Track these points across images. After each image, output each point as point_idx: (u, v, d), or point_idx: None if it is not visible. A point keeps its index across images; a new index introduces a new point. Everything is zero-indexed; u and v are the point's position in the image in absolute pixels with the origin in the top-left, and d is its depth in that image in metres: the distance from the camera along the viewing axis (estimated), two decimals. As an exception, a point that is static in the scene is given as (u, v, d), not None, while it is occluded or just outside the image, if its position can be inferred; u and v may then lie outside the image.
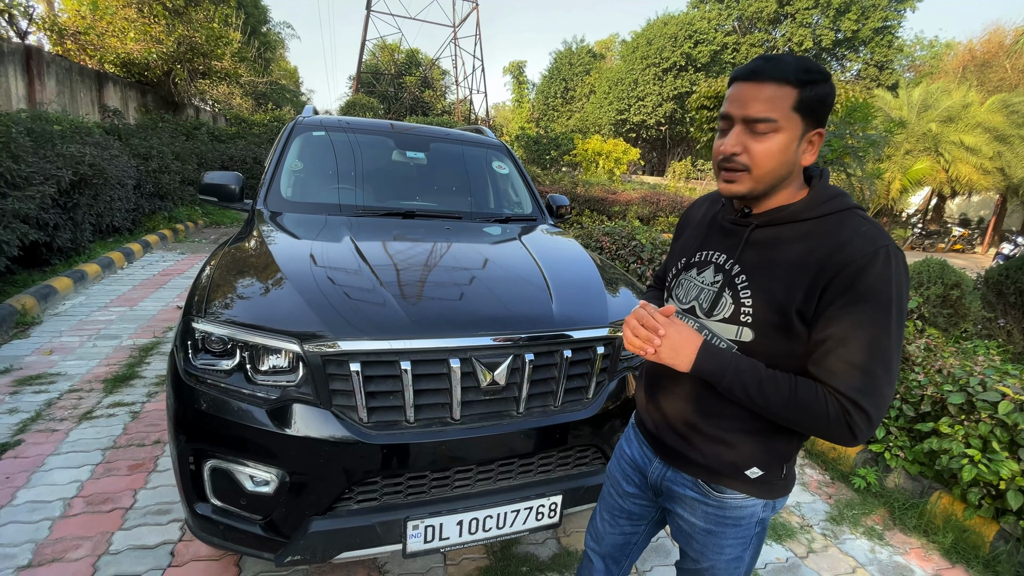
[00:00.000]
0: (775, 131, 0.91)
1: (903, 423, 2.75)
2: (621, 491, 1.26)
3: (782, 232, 0.98)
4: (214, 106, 16.98)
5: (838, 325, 0.88)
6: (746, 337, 0.98)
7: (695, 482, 1.10)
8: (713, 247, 1.07)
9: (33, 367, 3.35)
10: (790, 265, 0.94)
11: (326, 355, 1.41)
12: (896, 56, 28.70)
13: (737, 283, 0.99)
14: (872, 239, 0.89)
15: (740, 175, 0.95)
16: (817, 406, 0.89)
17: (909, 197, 19.00)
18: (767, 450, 1.03)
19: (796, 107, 0.91)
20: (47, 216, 4.76)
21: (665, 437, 1.13)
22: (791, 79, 0.90)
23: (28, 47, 7.78)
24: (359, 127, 3.10)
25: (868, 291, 0.87)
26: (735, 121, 0.94)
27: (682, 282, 1.11)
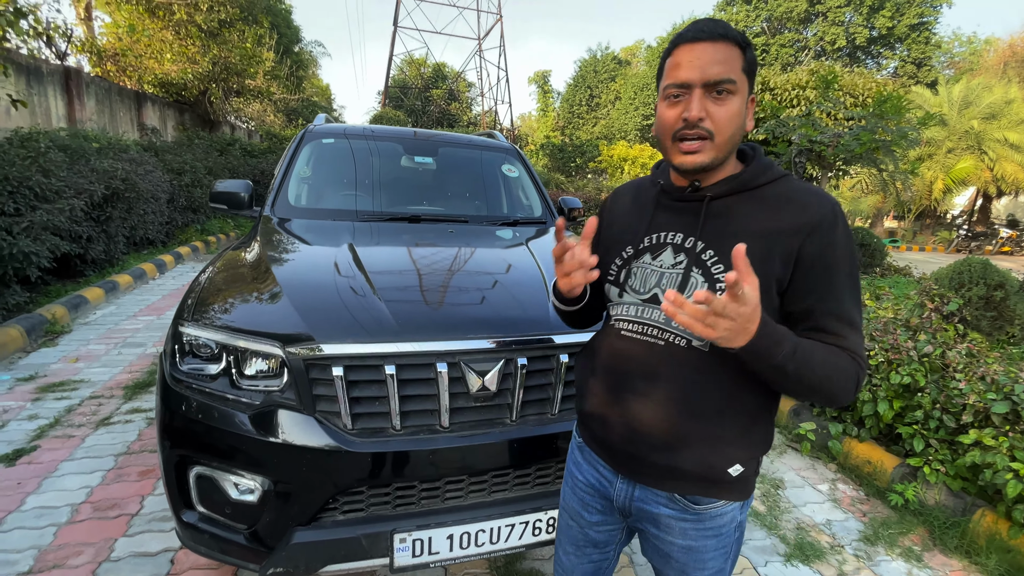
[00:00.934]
0: (732, 93, 0.88)
1: (943, 435, 2.54)
2: (584, 522, 1.13)
3: (736, 202, 0.94)
4: (248, 123, 17.59)
5: (827, 290, 0.89)
6: None
7: (671, 497, 0.99)
8: (664, 228, 1.00)
9: (57, 374, 3.45)
10: (759, 233, 0.89)
11: (308, 359, 1.37)
12: (934, 53, 27.59)
13: (705, 259, 0.93)
14: (826, 198, 0.91)
15: (704, 144, 0.89)
16: (849, 371, 0.87)
17: (953, 198, 18.14)
18: (750, 442, 0.97)
19: (744, 68, 0.89)
20: (80, 229, 4.95)
21: (638, 452, 0.99)
22: (737, 39, 0.88)
23: (67, 68, 8.21)
24: (368, 134, 3.10)
25: (840, 250, 0.88)
26: (694, 86, 0.87)
27: (634, 271, 1.01)
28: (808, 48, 29.95)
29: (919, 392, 2.69)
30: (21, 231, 3.86)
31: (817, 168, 4.42)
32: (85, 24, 10.25)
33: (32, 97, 7.39)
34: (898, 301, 3.77)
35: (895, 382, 2.68)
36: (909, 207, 19.00)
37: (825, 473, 2.89)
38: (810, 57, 29.65)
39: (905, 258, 12.17)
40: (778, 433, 3.28)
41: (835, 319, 0.88)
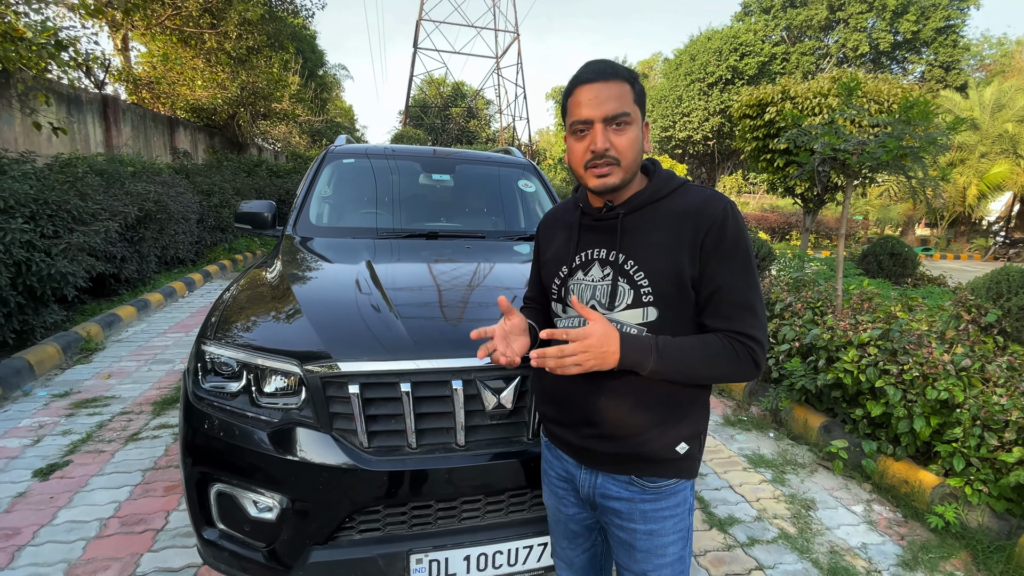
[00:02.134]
0: (629, 123, 1.01)
1: (985, 453, 2.41)
2: (563, 516, 1.25)
3: (646, 215, 1.07)
4: (274, 144, 18.13)
5: (721, 277, 1.01)
6: (651, 316, 1.04)
7: (630, 480, 1.10)
8: (589, 246, 1.12)
9: (91, 390, 3.56)
10: (667, 238, 1.03)
11: (325, 376, 1.38)
12: (962, 56, 26.90)
13: (627, 269, 1.05)
14: (718, 198, 1.04)
15: (612, 168, 1.02)
16: (727, 352, 1.01)
17: (988, 203, 17.50)
18: (690, 423, 1.09)
19: (635, 100, 1.02)
20: (114, 249, 5.14)
21: (593, 444, 1.11)
22: (625, 76, 1.02)
23: (105, 96, 8.61)
24: (388, 153, 3.16)
25: (732, 242, 1.01)
26: (595, 122, 1.01)
27: (572, 287, 1.13)
28: (830, 55, 29.56)
29: (957, 408, 2.57)
30: (59, 252, 4.02)
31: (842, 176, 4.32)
32: (122, 54, 10.77)
33: (72, 124, 7.76)
34: (932, 313, 3.63)
35: (931, 397, 2.57)
36: (942, 214, 18.39)
37: (859, 493, 2.77)
38: (832, 64, 29.22)
39: (939, 267, 11.76)
40: (808, 451, 3.17)
41: (729, 304, 1.01)
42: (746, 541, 2.32)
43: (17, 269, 3.69)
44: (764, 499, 2.66)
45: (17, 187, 3.81)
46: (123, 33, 10.44)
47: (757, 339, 1.01)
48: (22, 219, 3.74)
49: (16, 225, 3.61)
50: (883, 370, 2.84)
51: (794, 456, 3.10)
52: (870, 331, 3.07)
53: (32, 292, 3.88)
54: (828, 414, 3.27)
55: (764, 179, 8.14)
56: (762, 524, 2.45)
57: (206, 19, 10.71)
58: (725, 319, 1.01)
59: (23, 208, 3.84)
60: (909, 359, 2.78)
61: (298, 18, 16.11)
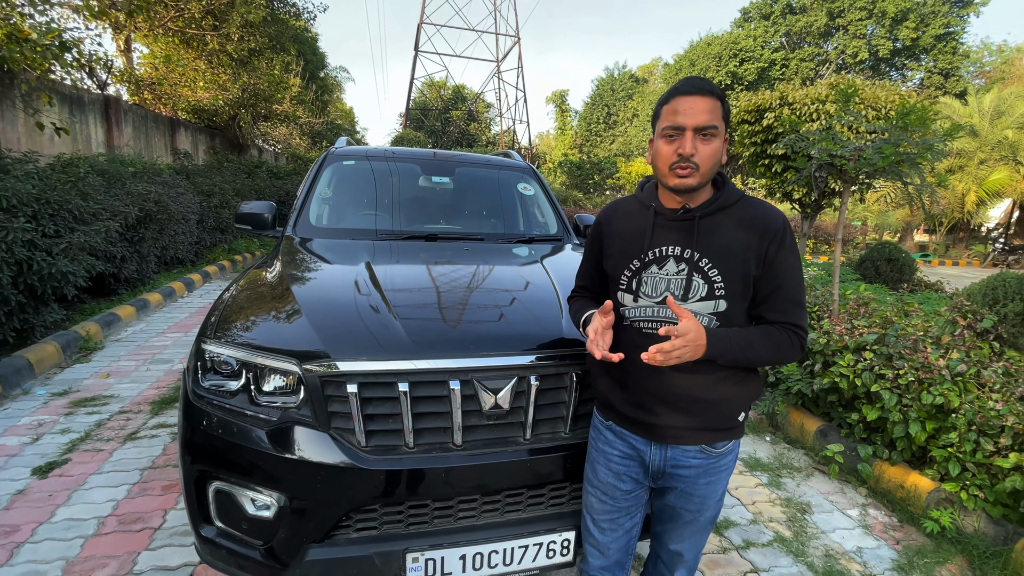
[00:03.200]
0: (715, 135, 1.17)
1: (980, 458, 2.43)
2: (618, 493, 1.37)
3: (717, 219, 1.23)
4: (274, 146, 18.16)
5: (780, 277, 1.22)
6: (721, 308, 1.21)
7: (700, 449, 1.29)
8: (664, 243, 1.25)
9: (90, 389, 3.57)
10: (738, 242, 1.21)
11: (324, 376, 1.39)
12: (962, 63, 27.01)
13: (703, 266, 1.21)
14: (777, 211, 1.25)
15: (692, 172, 1.17)
16: (783, 341, 1.21)
17: (987, 210, 17.55)
18: (747, 395, 1.30)
19: (723, 116, 1.18)
20: (114, 249, 5.15)
21: (667, 421, 1.26)
22: (718, 95, 1.17)
23: (107, 97, 8.64)
24: (387, 155, 3.17)
25: (788, 248, 1.22)
26: (687, 130, 1.15)
27: (646, 279, 1.26)
28: (829, 62, 29.67)
29: (953, 413, 2.58)
30: (60, 252, 4.04)
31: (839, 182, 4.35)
32: (124, 55, 10.80)
33: (74, 125, 7.78)
34: (928, 318, 3.65)
35: (927, 402, 2.58)
36: (941, 220, 18.44)
37: (855, 497, 2.78)
38: (831, 71, 29.34)
39: (937, 273, 11.78)
40: (804, 455, 3.18)
41: (785, 301, 1.22)
42: (741, 544, 2.33)
43: (18, 268, 3.70)
44: (760, 502, 2.67)
45: (20, 186, 3.83)
46: (126, 34, 10.47)
47: (804, 329, 1.23)
48: (24, 218, 3.76)
49: (18, 224, 3.62)
50: (879, 375, 2.85)
51: (790, 460, 3.11)
52: (866, 336, 3.08)
53: (33, 291, 3.89)
54: (824, 418, 3.28)
55: (762, 184, 8.18)
56: (757, 527, 2.46)
57: (208, 21, 10.75)
58: (782, 312, 1.22)
59: (25, 207, 3.85)
60: (905, 364, 2.79)
61: (300, 20, 16.16)
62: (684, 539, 1.40)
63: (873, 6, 27.04)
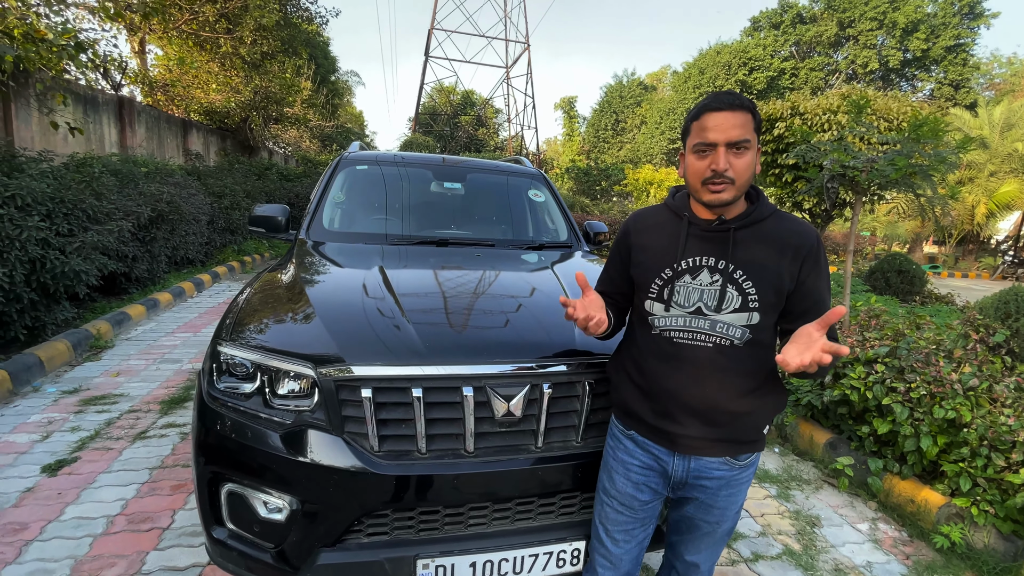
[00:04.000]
0: (748, 149, 1.16)
1: (992, 473, 2.40)
2: (637, 503, 1.35)
3: (752, 232, 1.22)
4: (285, 148, 18.31)
5: (815, 291, 1.22)
6: (755, 320, 1.20)
7: (724, 461, 1.27)
8: (697, 253, 1.24)
9: (100, 388, 3.60)
10: (772, 255, 1.20)
11: (338, 380, 1.40)
12: (972, 74, 26.91)
13: (737, 277, 1.20)
14: (810, 227, 1.24)
15: (727, 186, 1.17)
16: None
17: (997, 222, 17.42)
18: (773, 407, 1.27)
19: (755, 128, 1.17)
20: (126, 249, 5.20)
21: (693, 432, 1.24)
22: (748, 107, 1.16)
23: (121, 98, 8.74)
24: (400, 160, 3.19)
25: (822, 263, 1.23)
26: (718, 145, 1.15)
27: (679, 289, 1.24)
28: (839, 71, 29.63)
29: (965, 428, 2.55)
30: (73, 251, 4.08)
31: (850, 193, 4.34)
32: (139, 57, 10.94)
33: (88, 125, 7.87)
34: (940, 331, 3.62)
35: (938, 416, 2.56)
36: (950, 232, 18.32)
37: (864, 511, 2.75)
38: (841, 80, 29.29)
39: (947, 285, 11.69)
40: (813, 467, 3.15)
41: (818, 312, 1.19)
42: (750, 556, 2.31)
43: (32, 266, 3.74)
44: (769, 514, 2.65)
45: (34, 185, 3.87)
46: (141, 36, 10.61)
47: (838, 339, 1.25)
48: (38, 217, 3.80)
49: (32, 223, 3.67)
50: (890, 388, 2.83)
51: (799, 472, 3.09)
52: (877, 348, 3.06)
53: (45, 289, 3.93)
54: (834, 430, 3.26)
55: (772, 194, 8.17)
56: (766, 540, 2.44)
57: (222, 24, 10.88)
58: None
59: (40, 206, 3.90)
60: (917, 377, 2.77)
61: (312, 25, 16.32)
62: (701, 551, 1.39)
63: (884, 17, 27.02)
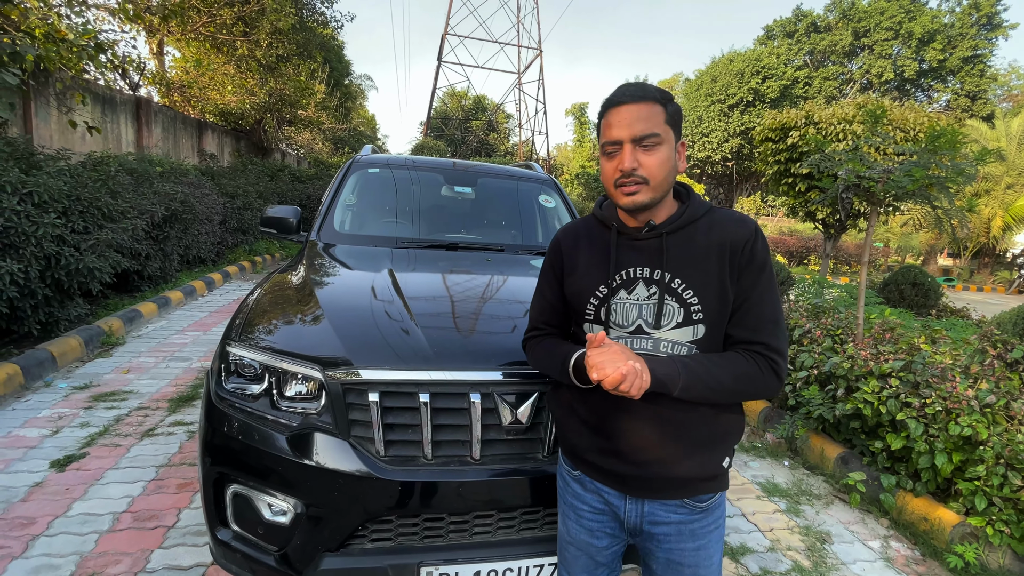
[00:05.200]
0: (659, 143, 1.03)
1: (1008, 492, 2.34)
2: (593, 549, 1.20)
3: (685, 235, 1.09)
4: (298, 150, 18.47)
5: (750, 291, 1.06)
6: (700, 334, 1.06)
7: (681, 503, 1.11)
8: (630, 264, 1.11)
9: (110, 384, 3.63)
10: (711, 257, 1.06)
11: (346, 383, 1.39)
12: (989, 86, 26.60)
13: (675, 287, 1.06)
14: (747, 220, 1.10)
15: (640, 187, 1.04)
16: (751, 367, 1.03)
17: (1014, 236, 17.13)
18: (732, 436, 1.13)
19: (667, 121, 1.04)
20: (140, 247, 5.26)
21: (644, 472, 1.09)
22: (657, 98, 1.04)
23: (138, 98, 8.87)
24: (411, 164, 3.20)
25: (760, 260, 1.06)
26: (623, 143, 1.03)
27: (615, 307, 1.10)
28: (853, 81, 29.42)
29: (981, 445, 2.50)
30: (88, 248, 4.13)
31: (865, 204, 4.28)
32: (157, 58, 11.11)
33: (106, 124, 7.99)
34: (956, 346, 3.55)
35: (954, 433, 2.50)
36: (965, 245, 18.05)
37: (876, 528, 2.70)
38: (855, 90, 29.07)
39: (962, 298, 11.50)
40: (824, 482, 3.10)
41: (756, 316, 1.05)
42: (759, 573, 2.27)
43: (47, 262, 3.79)
44: (778, 529, 2.60)
45: (52, 183, 3.93)
46: (159, 38, 10.77)
47: (779, 350, 1.05)
48: (55, 214, 3.85)
49: (49, 220, 3.72)
50: (905, 402, 2.78)
51: (809, 486, 3.04)
52: (892, 362, 3.01)
53: (59, 285, 3.97)
54: (846, 445, 3.20)
55: (784, 203, 8.09)
56: (775, 555, 2.40)
57: (239, 27, 11.02)
58: (751, 330, 1.05)
59: (56, 203, 3.95)
60: (932, 392, 2.72)
61: (327, 29, 16.50)
62: None
63: (900, 27, 26.81)
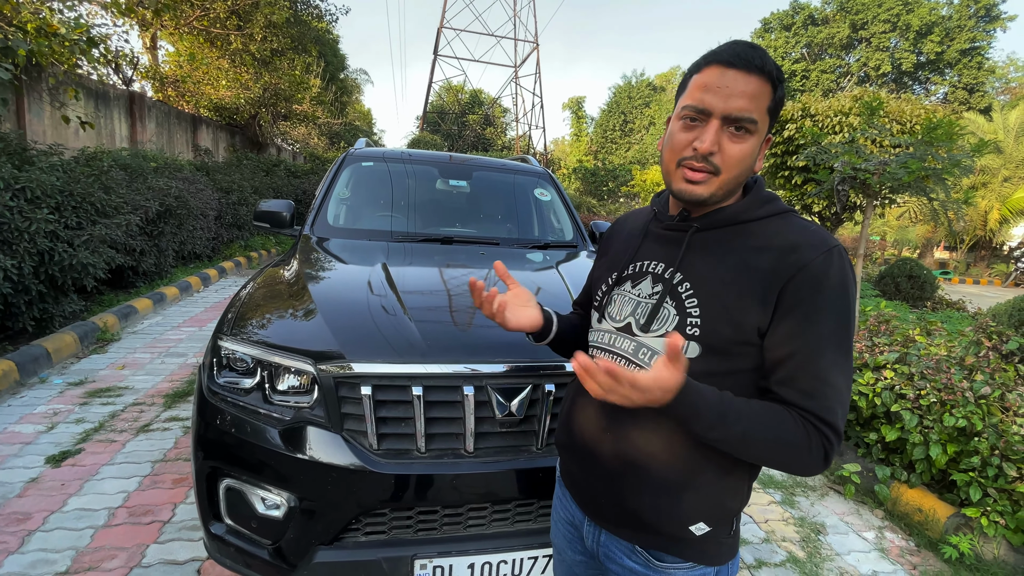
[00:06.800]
0: (751, 132, 0.82)
1: (1003, 483, 2.35)
2: (571, 560, 1.07)
3: (726, 235, 0.87)
4: (293, 145, 18.37)
5: (806, 340, 0.78)
6: (691, 353, 0.84)
7: (632, 549, 0.92)
8: (648, 256, 0.95)
9: (105, 380, 3.61)
10: (742, 268, 0.83)
11: (338, 377, 1.39)
12: (987, 78, 26.59)
13: (680, 292, 0.87)
14: (823, 239, 0.82)
15: (707, 177, 0.83)
16: (797, 434, 0.76)
17: (1010, 228, 17.19)
18: (716, 499, 0.87)
19: (770, 108, 0.83)
20: (134, 242, 5.23)
21: (600, 497, 0.94)
22: (772, 74, 0.81)
23: (132, 93, 8.80)
24: (406, 157, 3.18)
25: (829, 299, 0.78)
26: (713, 116, 0.80)
27: (615, 298, 0.96)
28: (851, 74, 29.38)
29: (976, 436, 2.51)
30: (81, 243, 4.10)
31: (861, 196, 4.29)
32: (150, 53, 11.02)
33: (99, 119, 7.93)
34: (951, 338, 3.56)
35: (949, 424, 2.52)
36: (962, 238, 18.11)
37: (871, 520, 2.71)
38: (852, 83, 29.04)
39: (958, 291, 11.55)
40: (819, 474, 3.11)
41: (814, 378, 0.77)
42: (753, 564, 2.28)
43: (40, 258, 3.76)
44: (772, 521, 2.62)
45: (44, 178, 3.89)
46: (152, 32, 10.68)
47: (837, 429, 0.77)
48: (47, 209, 3.82)
49: (41, 215, 3.69)
50: (899, 394, 2.79)
51: (804, 478, 3.05)
52: (887, 354, 3.02)
53: (53, 281, 3.95)
54: (841, 437, 3.21)
55: (780, 196, 8.09)
56: (770, 546, 2.41)
57: (233, 21, 10.93)
58: (805, 395, 0.77)
59: (49, 199, 3.92)
60: (927, 384, 2.73)
61: (322, 22, 16.36)
62: None
63: (897, 19, 26.76)
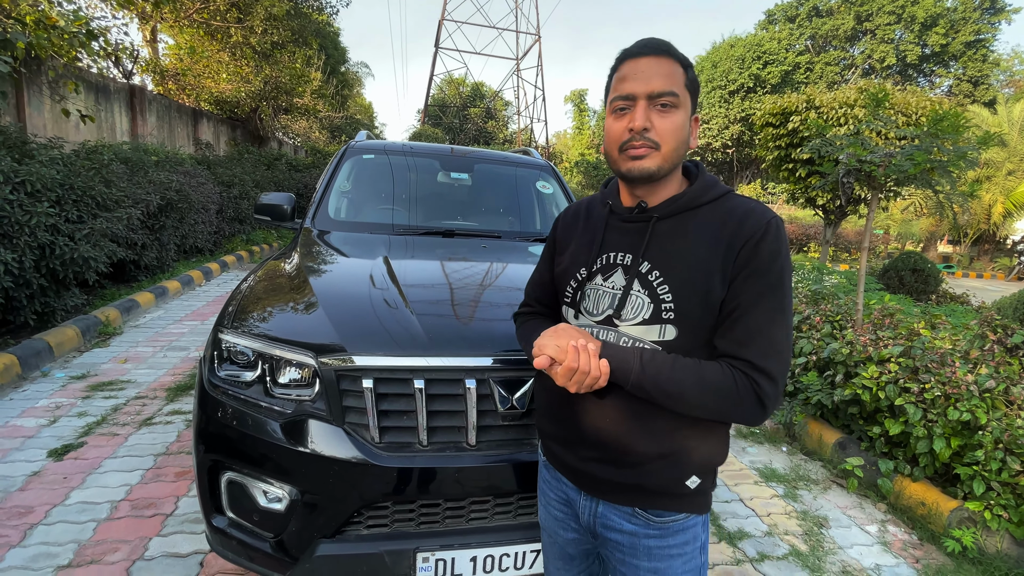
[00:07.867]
0: (676, 107, 0.92)
1: (1007, 477, 2.34)
2: (561, 539, 1.14)
3: (682, 221, 0.96)
4: (294, 139, 18.32)
5: (744, 295, 0.88)
6: (669, 335, 0.93)
7: (632, 512, 1.00)
8: (613, 248, 1.01)
9: (107, 374, 3.62)
10: (702, 251, 0.92)
11: (340, 370, 1.38)
12: (992, 71, 26.37)
13: (650, 279, 0.94)
14: (762, 212, 0.92)
15: (649, 151, 0.92)
16: (725, 381, 0.87)
17: (1014, 222, 17.10)
18: (704, 453, 0.97)
19: (687, 84, 0.93)
20: (135, 236, 5.23)
21: (592, 468, 1.01)
22: (678, 57, 0.93)
23: (132, 86, 8.77)
24: (407, 150, 3.16)
25: (764, 260, 0.88)
26: (638, 98, 0.91)
27: (588, 293, 1.02)
28: (855, 66, 29.16)
29: (980, 430, 2.50)
30: (82, 237, 4.09)
31: (866, 189, 4.25)
32: (150, 46, 10.96)
33: (99, 113, 7.91)
34: (956, 331, 3.54)
35: (953, 418, 2.50)
36: (965, 231, 18.02)
37: (874, 513, 2.71)
38: (857, 75, 28.82)
39: (961, 285, 11.50)
40: (822, 467, 3.11)
41: (745, 327, 0.88)
42: (756, 556, 2.28)
43: (41, 252, 3.76)
44: (775, 514, 2.61)
45: (44, 172, 3.88)
46: (152, 25, 10.62)
47: (769, 374, 0.86)
48: (48, 203, 3.81)
49: (42, 209, 3.68)
50: (903, 388, 2.77)
51: (807, 472, 3.04)
52: (891, 347, 3.00)
53: (55, 275, 3.95)
54: (844, 430, 3.20)
55: (784, 189, 8.05)
56: (772, 540, 2.41)
57: (233, 14, 10.87)
58: (737, 344, 0.88)
59: (49, 193, 3.91)
60: (931, 378, 2.71)
61: (322, 15, 16.26)
62: None
63: (902, 11, 26.51)
